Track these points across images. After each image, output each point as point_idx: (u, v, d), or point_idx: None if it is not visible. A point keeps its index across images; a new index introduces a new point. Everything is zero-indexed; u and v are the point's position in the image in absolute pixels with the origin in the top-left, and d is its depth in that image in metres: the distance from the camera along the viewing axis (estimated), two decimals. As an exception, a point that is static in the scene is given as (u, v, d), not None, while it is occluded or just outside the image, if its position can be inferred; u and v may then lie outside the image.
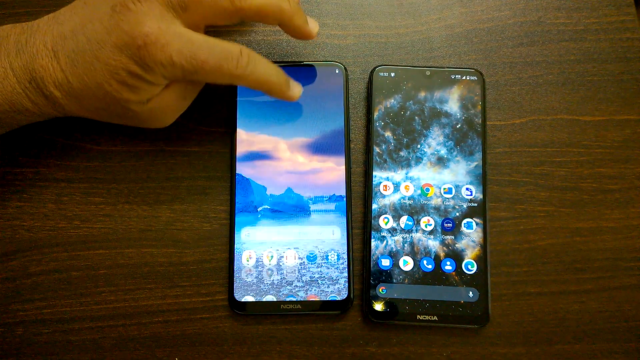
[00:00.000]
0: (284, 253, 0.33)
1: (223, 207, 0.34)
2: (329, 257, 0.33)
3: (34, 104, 0.27)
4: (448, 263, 0.33)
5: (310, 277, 0.33)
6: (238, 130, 0.34)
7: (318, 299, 0.32)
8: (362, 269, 0.33)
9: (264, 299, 0.32)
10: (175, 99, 0.29)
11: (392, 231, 0.33)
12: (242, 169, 0.34)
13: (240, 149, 0.34)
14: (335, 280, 0.33)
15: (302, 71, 0.35)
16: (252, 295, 0.32)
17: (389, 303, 0.32)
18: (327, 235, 0.33)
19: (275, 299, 0.32)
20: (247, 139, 0.34)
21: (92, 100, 0.27)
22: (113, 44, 0.25)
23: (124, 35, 0.25)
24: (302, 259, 0.33)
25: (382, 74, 0.35)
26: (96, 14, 0.26)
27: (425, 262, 0.33)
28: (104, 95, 0.27)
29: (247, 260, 0.33)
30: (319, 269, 0.33)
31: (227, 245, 0.34)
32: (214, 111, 0.36)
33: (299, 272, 0.33)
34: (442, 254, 0.33)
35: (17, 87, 0.27)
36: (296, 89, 0.30)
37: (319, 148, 0.34)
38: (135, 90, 0.27)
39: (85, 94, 0.27)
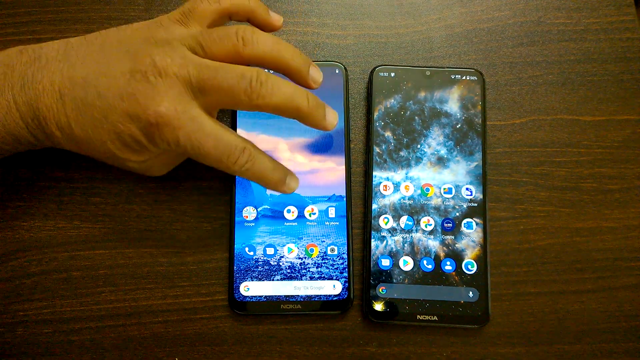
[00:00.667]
0: (284, 253, 0.33)
1: (223, 207, 0.34)
2: (329, 257, 0.33)
3: (36, 139, 0.28)
4: (448, 263, 0.33)
5: (310, 277, 0.33)
6: (238, 130, 0.34)
7: (318, 299, 0.32)
8: (362, 269, 0.33)
9: (264, 299, 0.32)
10: (173, 158, 0.31)
11: (392, 231, 0.33)
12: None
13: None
14: (335, 280, 0.33)
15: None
16: (252, 295, 0.32)
17: (389, 303, 0.32)
18: (327, 235, 0.33)
19: (275, 299, 0.32)
20: (247, 139, 0.34)
21: (91, 149, 0.27)
22: (125, 111, 0.25)
23: (138, 108, 0.25)
24: (302, 259, 0.33)
25: (382, 74, 0.35)
26: (113, 69, 0.26)
27: (425, 262, 0.33)
28: (104, 150, 0.27)
29: (247, 260, 0.33)
30: (319, 269, 0.33)
31: (227, 245, 0.34)
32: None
33: (299, 272, 0.33)
34: (442, 254, 0.33)
35: (20, 122, 0.26)
36: (292, 184, 0.29)
37: (319, 148, 0.34)
38: (135, 152, 0.27)
39: (86, 144, 0.27)
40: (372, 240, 0.33)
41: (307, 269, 0.33)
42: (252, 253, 0.33)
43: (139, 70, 0.25)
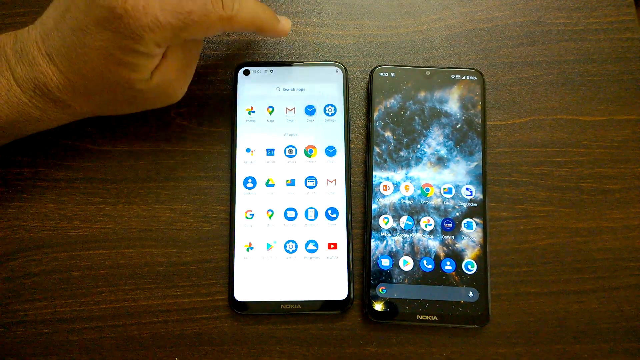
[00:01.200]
0: (284, 253, 0.33)
1: (223, 207, 0.34)
2: (329, 257, 0.33)
3: (42, 112, 0.27)
4: (448, 263, 0.33)
5: (310, 277, 0.33)
6: (238, 130, 0.34)
7: (318, 299, 0.32)
8: (362, 269, 0.33)
9: (264, 299, 0.32)
10: (178, 68, 0.28)
11: (392, 231, 0.33)
12: (243, 169, 0.34)
13: (240, 149, 0.34)
14: (335, 280, 0.33)
15: (302, 71, 0.35)
16: (252, 295, 0.32)
17: (389, 303, 0.32)
18: (327, 235, 0.33)
19: (275, 299, 0.32)
20: (247, 139, 0.34)
21: (98, 93, 0.27)
22: (94, 23, 0.24)
23: (102, 10, 0.24)
24: (302, 258, 0.33)
25: (382, 74, 0.35)
26: (72, 0, 0.25)
27: (425, 262, 0.33)
28: (107, 83, 0.26)
29: (247, 260, 0.33)
30: (319, 269, 0.33)
31: (227, 245, 0.34)
32: (214, 111, 0.36)
33: (299, 272, 0.33)
34: (442, 254, 0.33)
35: (23, 97, 0.26)
36: (285, 23, 0.29)
37: (318, 148, 0.34)
38: (134, 67, 0.26)
39: (90, 89, 0.26)
40: (372, 240, 0.33)
41: (308, 269, 0.33)
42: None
43: None
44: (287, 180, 0.34)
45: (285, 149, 0.34)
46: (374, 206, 0.33)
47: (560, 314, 0.33)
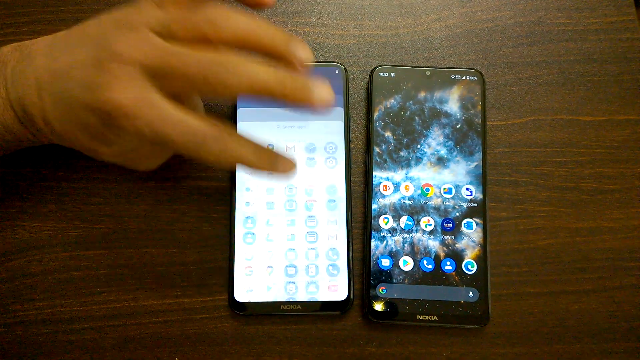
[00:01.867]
0: (284, 253, 0.33)
1: (223, 207, 0.34)
2: (329, 258, 0.33)
3: (32, 134, 0.28)
4: (448, 263, 0.33)
5: (310, 277, 0.33)
6: (238, 130, 0.34)
7: (318, 299, 0.32)
8: (362, 269, 0.33)
9: (264, 299, 0.32)
10: (154, 152, 0.29)
11: (392, 231, 0.33)
12: (242, 169, 0.34)
13: (240, 149, 0.34)
14: (335, 280, 0.33)
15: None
16: (252, 296, 0.32)
17: (389, 303, 0.32)
18: (327, 235, 0.33)
19: (275, 299, 0.32)
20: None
21: (71, 142, 0.27)
22: (85, 103, 0.24)
23: (95, 99, 0.24)
24: (302, 259, 0.33)
25: (382, 74, 0.35)
26: (80, 59, 0.25)
27: (425, 262, 0.33)
28: (79, 142, 0.27)
29: (248, 260, 0.33)
30: (319, 269, 0.33)
31: (227, 245, 0.34)
32: (213, 111, 0.36)
33: (299, 272, 0.33)
34: (442, 254, 0.33)
35: (16, 119, 0.27)
36: (286, 165, 0.26)
37: (319, 148, 0.34)
38: (105, 144, 0.26)
39: (66, 137, 0.27)
40: (372, 240, 0.33)
41: (308, 269, 0.33)
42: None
43: (97, 58, 0.24)
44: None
45: (286, 149, 0.34)
46: (374, 206, 0.33)
47: (560, 314, 0.33)
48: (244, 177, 0.34)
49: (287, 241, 0.33)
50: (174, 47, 0.24)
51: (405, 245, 0.33)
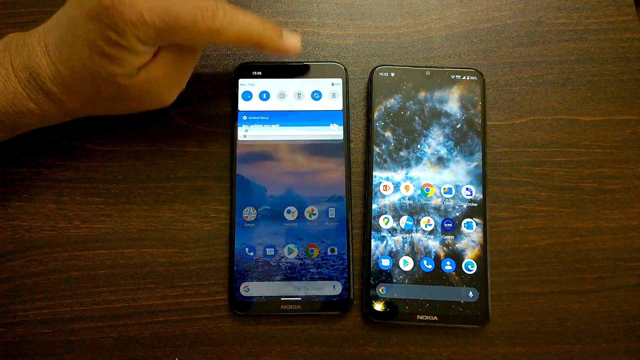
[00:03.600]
0: (284, 253, 0.33)
1: (223, 207, 0.34)
2: (329, 258, 0.33)
3: (36, 104, 0.27)
4: (448, 263, 0.33)
5: (310, 277, 0.33)
6: (238, 130, 0.34)
7: (318, 299, 0.32)
8: (362, 269, 0.33)
9: (264, 299, 0.32)
10: (166, 70, 0.28)
11: (392, 231, 0.33)
12: (242, 169, 0.34)
13: (240, 149, 0.34)
14: (335, 280, 0.33)
15: (302, 71, 0.35)
16: (252, 296, 0.32)
17: (389, 303, 0.32)
18: (328, 235, 0.33)
19: (275, 299, 0.32)
20: (247, 139, 0.34)
21: (84, 86, 0.27)
22: (85, 15, 0.25)
23: (93, 1, 0.24)
24: (302, 259, 0.33)
25: (382, 74, 0.35)
26: None
27: (425, 262, 0.33)
28: (91, 75, 0.26)
29: (247, 261, 0.33)
30: (319, 270, 0.33)
31: (227, 245, 0.34)
32: (214, 111, 0.36)
33: (299, 272, 0.33)
34: (442, 254, 0.33)
35: (19, 87, 0.27)
36: (292, 39, 0.27)
37: (319, 148, 0.34)
38: (118, 61, 0.26)
39: (76, 81, 0.27)
40: (372, 240, 0.33)
41: (307, 270, 0.33)
42: (252, 253, 0.33)
43: None
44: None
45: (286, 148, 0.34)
46: (374, 206, 0.33)
47: (560, 314, 0.33)
48: (244, 177, 0.34)
49: (287, 241, 0.33)
50: None
51: (405, 245, 0.33)
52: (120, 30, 0.24)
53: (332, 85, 0.35)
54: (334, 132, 0.34)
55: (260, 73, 0.35)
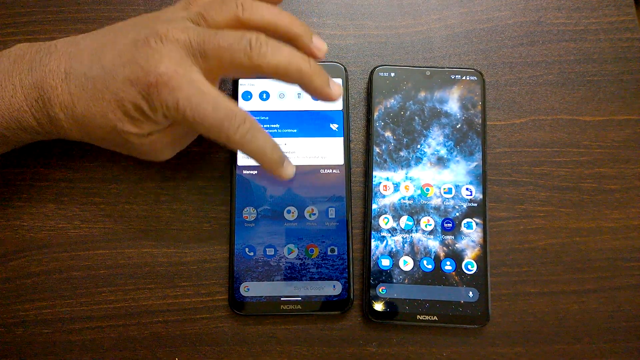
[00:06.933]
0: (284, 253, 0.33)
1: (223, 207, 0.34)
2: (329, 258, 0.33)
3: (38, 123, 0.28)
4: (448, 263, 0.33)
5: (310, 277, 0.33)
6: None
7: (318, 299, 0.32)
8: (362, 269, 0.33)
9: (264, 299, 0.32)
10: (175, 138, 0.30)
11: (392, 231, 0.33)
12: (242, 169, 0.34)
13: (240, 149, 0.34)
14: (335, 280, 0.33)
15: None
16: (252, 296, 0.32)
17: (389, 303, 0.32)
18: (327, 235, 0.33)
19: (275, 300, 0.32)
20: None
21: (93, 128, 0.27)
22: (126, 76, 0.25)
23: (139, 70, 0.25)
24: (302, 259, 0.33)
25: (382, 74, 0.35)
26: (117, 44, 0.26)
27: (425, 262, 0.33)
28: (106, 124, 0.27)
29: (247, 261, 0.33)
30: (319, 270, 0.33)
31: (227, 245, 0.34)
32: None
33: (299, 272, 0.33)
34: (442, 254, 0.33)
35: (24, 105, 0.27)
36: (289, 170, 0.29)
37: (319, 148, 0.34)
38: (137, 124, 0.27)
39: (88, 121, 0.27)
40: (372, 240, 0.33)
41: (307, 270, 0.33)
42: (252, 253, 0.33)
43: (140, 38, 0.26)
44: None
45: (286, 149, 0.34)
46: (374, 206, 0.33)
47: (560, 314, 0.33)
48: (244, 177, 0.34)
49: (287, 241, 0.33)
50: (210, 28, 0.27)
51: (405, 245, 0.33)
52: (152, 106, 0.26)
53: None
54: (334, 132, 0.34)
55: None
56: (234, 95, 0.35)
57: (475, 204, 0.34)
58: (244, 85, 0.35)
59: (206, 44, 0.26)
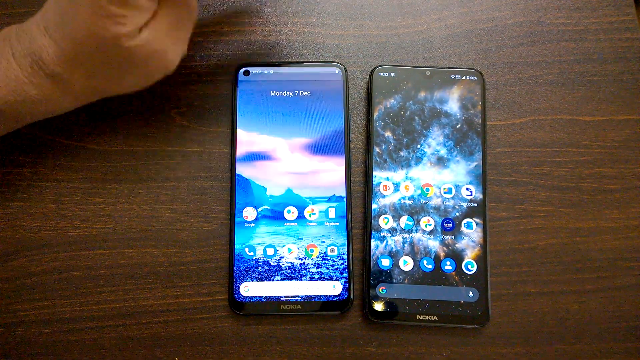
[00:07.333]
0: (284, 253, 0.33)
1: (223, 207, 0.34)
2: (329, 258, 0.33)
3: (39, 90, 0.27)
4: (448, 263, 0.33)
5: (310, 277, 0.33)
6: (238, 130, 0.34)
7: (318, 299, 0.32)
8: (362, 269, 0.33)
9: (264, 299, 0.32)
10: (168, 28, 0.28)
11: (392, 231, 0.33)
12: (242, 169, 0.34)
13: (240, 149, 0.34)
14: (335, 280, 0.33)
15: (302, 71, 0.35)
16: (252, 295, 0.32)
17: (389, 303, 0.32)
18: (327, 235, 0.33)
19: (275, 300, 0.32)
20: (247, 139, 0.34)
21: (89, 58, 0.27)
22: None
23: None
24: (302, 259, 0.33)
25: (382, 74, 0.35)
26: None
27: (425, 262, 0.33)
28: (95, 42, 0.26)
29: (247, 261, 0.33)
30: (319, 270, 0.33)
31: (227, 245, 0.34)
32: (214, 111, 0.36)
33: (299, 272, 0.33)
34: (442, 254, 0.33)
35: (20, 75, 0.27)
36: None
37: (319, 148, 0.34)
38: (121, 20, 0.26)
39: (81, 53, 0.26)
40: (372, 240, 0.33)
41: (307, 270, 0.33)
42: (252, 253, 0.33)
43: None
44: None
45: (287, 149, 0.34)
46: (374, 206, 0.33)
47: (560, 314, 0.33)
48: (244, 177, 0.34)
49: (287, 241, 0.33)
50: None
51: (405, 245, 0.33)
52: None
53: (332, 84, 0.35)
54: (334, 132, 0.34)
55: (260, 73, 0.35)
56: (233, 95, 0.35)
57: (475, 204, 0.34)
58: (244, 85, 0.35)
59: None
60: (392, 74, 0.35)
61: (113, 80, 0.29)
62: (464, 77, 0.35)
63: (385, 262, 0.33)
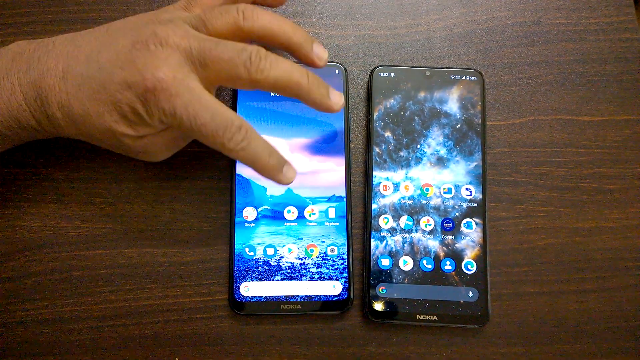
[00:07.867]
0: (284, 253, 0.33)
1: (223, 207, 0.34)
2: (329, 258, 0.33)
3: (37, 122, 0.28)
4: (448, 263, 0.33)
5: (310, 277, 0.33)
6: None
7: (318, 299, 0.32)
8: (362, 268, 0.33)
9: (264, 299, 0.32)
10: (169, 141, 0.29)
11: (392, 231, 0.33)
12: (242, 169, 0.34)
13: (240, 149, 0.34)
14: (335, 280, 0.33)
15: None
16: (252, 295, 0.32)
17: (389, 303, 0.32)
18: (327, 235, 0.33)
19: (275, 299, 0.32)
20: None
21: (89, 127, 0.27)
22: (123, 78, 0.25)
23: (136, 74, 0.25)
24: (302, 259, 0.33)
25: (382, 74, 0.35)
26: (115, 44, 0.26)
27: (425, 262, 0.33)
28: (101, 125, 0.27)
29: (247, 260, 0.33)
30: (319, 269, 0.33)
31: (227, 245, 0.34)
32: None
33: (299, 272, 0.33)
34: (441, 254, 0.33)
35: (23, 104, 0.27)
36: (289, 174, 0.28)
37: (319, 148, 0.34)
38: (133, 126, 0.27)
39: (84, 120, 0.27)
40: (372, 240, 0.33)
41: (307, 269, 0.33)
42: (252, 253, 0.33)
43: (139, 40, 0.26)
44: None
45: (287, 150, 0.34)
46: (374, 206, 0.33)
47: (560, 314, 0.33)
48: (244, 177, 0.34)
49: (287, 241, 0.33)
50: (211, 37, 0.26)
51: (405, 245, 0.33)
52: (149, 111, 0.26)
53: (332, 85, 0.35)
54: (334, 133, 0.34)
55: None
56: (233, 95, 0.35)
57: (475, 204, 0.34)
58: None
59: (207, 53, 0.25)
60: (392, 74, 0.35)
61: (101, 145, 0.30)
62: (463, 77, 0.35)
63: (385, 262, 0.33)
